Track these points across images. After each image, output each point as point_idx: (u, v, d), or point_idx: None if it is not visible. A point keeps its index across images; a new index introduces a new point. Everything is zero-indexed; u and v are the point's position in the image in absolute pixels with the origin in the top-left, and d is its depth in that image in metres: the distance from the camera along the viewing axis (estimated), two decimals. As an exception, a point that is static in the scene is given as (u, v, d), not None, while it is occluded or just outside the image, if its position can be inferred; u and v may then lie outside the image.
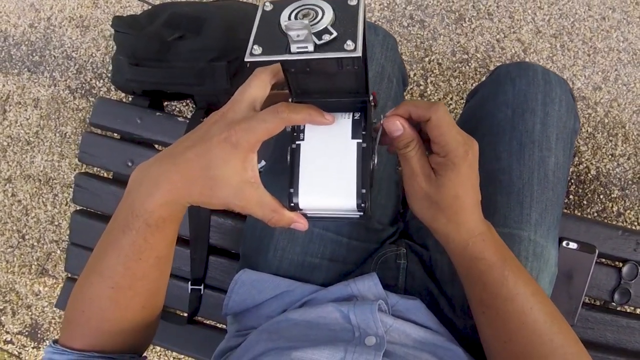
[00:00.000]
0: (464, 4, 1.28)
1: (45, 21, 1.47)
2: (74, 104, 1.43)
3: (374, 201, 0.64)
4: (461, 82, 1.26)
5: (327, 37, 0.33)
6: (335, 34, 0.33)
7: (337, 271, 0.63)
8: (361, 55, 0.32)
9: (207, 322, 0.94)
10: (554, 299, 0.51)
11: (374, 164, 0.42)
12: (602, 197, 1.18)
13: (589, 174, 1.19)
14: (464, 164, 0.42)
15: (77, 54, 1.44)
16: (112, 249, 0.43)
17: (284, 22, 0.35)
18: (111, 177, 0.97)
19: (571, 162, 0.89)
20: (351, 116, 0.42)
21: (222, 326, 0.97)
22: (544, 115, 0.59)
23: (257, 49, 0.34)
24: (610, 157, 1.19)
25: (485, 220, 0.47)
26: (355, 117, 0.42)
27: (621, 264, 0.81)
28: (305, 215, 0.43)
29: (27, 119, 1.45)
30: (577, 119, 0.64)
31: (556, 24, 1.24)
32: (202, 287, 0.87)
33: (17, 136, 1.45)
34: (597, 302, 0.94)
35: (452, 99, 1.26)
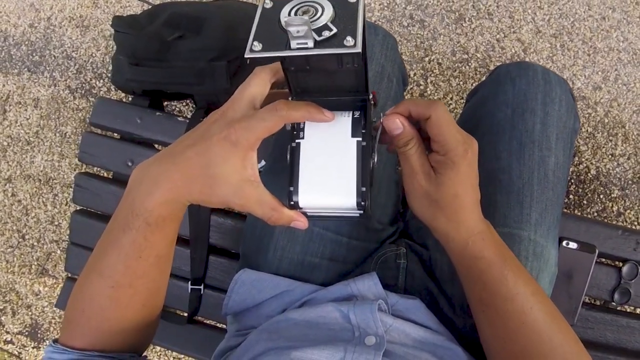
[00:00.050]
0: (464, 3, 1.28)
1: (45, 21, 1.47)
2: (74, 103, 1.43)
3: (374, 201, 0.64)
4: (461, 82, 1.26)
5: (326, 34, 0.33)
6: (335, 30, 0.33)
7: (337, 271, 0.63)
8: (361, 51, 0.32)
9: (207, 322, 0.94)
10: (554, 299, 0.51)
11: (374, 162, 0.42)
12: (602, 196, 1.18)
13: (589, 174, 1.19)
14: (463, 163, 0.42)
15: (77, 54, 1.44)
16: (112, 248, 0.44)
17: (284, 19, 0.35)
18: (111, 177, 0.97)
19: (571, 162, 0.89)
20: (351, 115, 0.42)
21: (222, 326, 0.97)
22: (543, 115, 0.59)
23: (257, 46, 0.34)
24: (610, 156, 1.19)
25: (484, 219, 0.47)
26: (355, 116, 0.42)
27: (621, 263, 0.81)
28: (305, 214, 0.43)
29: (27, 118, 1.45)
30: (577, 119, 0.64)
31: (556, 24, 1.24)
32: (202, 287, 0.87)
33: (17, 136, 1.45)
34: (597, 302, 0.94)
35: (452, 99, 1.26)
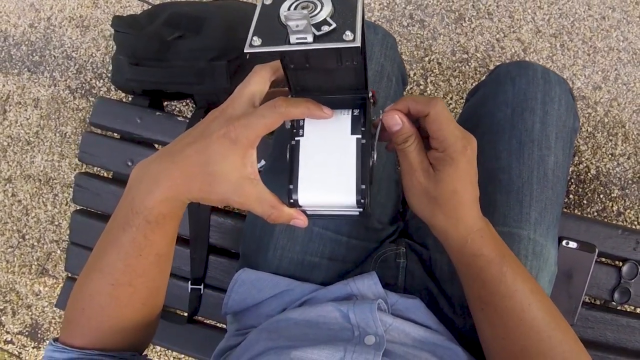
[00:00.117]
0: (463, 3, 1.28)
1: (45, 21, 1.47)
2: (74, 103, 1.43)
3: (374, 200, 0.64)
4: (461, 82, 1.26)
5: (326, 28, 0.33)
6: (334, 25, 0.33)
7: (337, 270, 0.63)
8: (360, 45, 0.32)
9: (207, 321, 0.94)
10: (554, 299, 0.51)
11: (373, 160, 0.42)
12: (602, 196, 1.18)
13: (589, 174, 1.19)
14: (462, 159, 0.42)
15: (77, 54, 1.44)
16: (112, 246, 0.44)
17: (284, 13, 0.35)
18: (111, 177, 0.97)
19: (571, 162, 0.89)
20: (350, 112, 0.42)
21: (222, 326, 0.97)
22: (543, 114, 0.59)
23: (257, 40, 0.34)
24: (610, 156, 1.19)
25: (483, 217, 0.47)
26: (354, 114, 0.42)
27: (621, 263, 0.81)
28: (304, 212, 0.43)
29: (27, 119, 1.45)
30: (577, 118, 0.64)
31: (556, 24, 1.24)
32: (202, 287, 0.88)
33: (17, 136, 1.45)
34: (597, 302, 0.95)
35: (452, 99, 1.26)
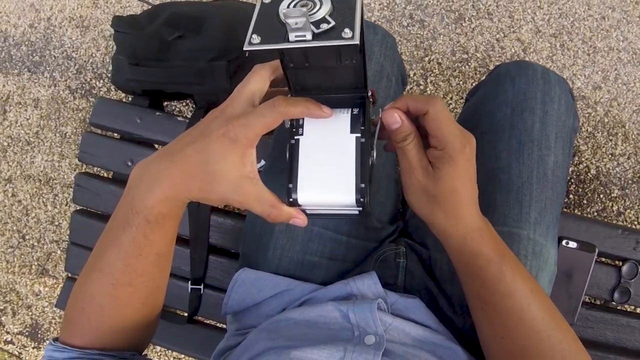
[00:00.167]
0: (463, 3, 1.28)
1: (45, 21, 1.47)
2: (74, 104, 1.43)
3: (374, 199, 0.64)
4: (461, 82, 1.26)
5: (325, 26, 0.33)
6: (333, 23, 0.33)
7: (337, 270, 0.63)
8: (359, 43, 0.32)
9: (207, 321, 0.94)
10: (554, 298, 0.50)
11: (373, 159, 0.42)
12: (602, 196, 1.18)
13: (589, 174, 1.19)
14: (461, 157, 0.42)
15: (77, 54, 1.45)
16: (112, 246, 0.44)
17: (283, 11, 0.35)
18: (111, 177, 0.97)
19: (571, 162, 0.89)
20: (350, 111, 0.42)
21: (222, 326, 0.97)
22: (543, 114, 0.59)
23: (256, 38, 0.34)
24: (610, 156, 1.19)
25: (482, 216, 0.47)
26: (354, 112, 0.42)
27: (621, 263, 0.81)
28: (304, 211, 0.43)
29: (27, 119, 1.45)
30: (577, 118, 0.64)
31: (556, 24, 1.24)
32: (202, 287, 0.88)
33: (17, 136, 1.45)
34: (597, 301, 0.95)
35: (452, 99, 1.26)
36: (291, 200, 0.42)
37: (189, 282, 0.88)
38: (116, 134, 0.96)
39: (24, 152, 1.44)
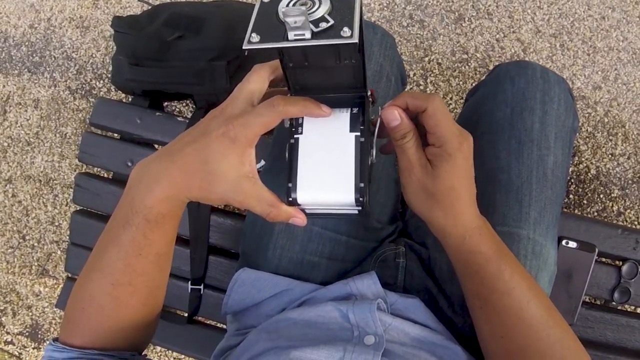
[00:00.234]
0: (463, 3, 1.28)
1: (45, 22, 1.47)
2: (74, 104, 1.43)
3: (373, 199, 0.64)
4: (461, 82, 1.26)
5: (324, 25, 0.33)
6: (332, 22, 0.33)
7: (336, 270, 0.63)
8: (357, 41, 0.32)
9: (207, 321, 0.94)
10: (554, 298, 0.51)
11: (372, 158, 0.42)
12: (602, 196, 1.18)
13: (589, 174, 1.19)
14: (459, 155, 0.42)
15: (77, 55, 1.45)
16: (112, 246, 0.44)
17: (282, 10, 0.35)
18: (111, 177, 0.97)
19: (571, 161, 0.89)
20: (349, 111, 0.42)
21: (222, 326, 0.97)
22: (542, 114, 0.59)
23: (255, 37, 0.34)
24: (610, 156, 1.19)
25: (481, 215, 0.47)
26: (353, 111, 0.42)
27: (621, 262, 0.81)
28: (303, 211, 0.43)
29: (27, 119, 1.45)
30: (576, 118, 0.64)
31: (556, 24, 1.24)
32: (202, 287, 0.88)
33: (17, 137, 1.45)
34: (597, 301, 0.95)
35: (451, 99, 1.26)
36: (290, 199, 0.42)
37: (189, 282, 0.88)
38: (116, 134, 0.96)
39: (24, 152, 1.44)
